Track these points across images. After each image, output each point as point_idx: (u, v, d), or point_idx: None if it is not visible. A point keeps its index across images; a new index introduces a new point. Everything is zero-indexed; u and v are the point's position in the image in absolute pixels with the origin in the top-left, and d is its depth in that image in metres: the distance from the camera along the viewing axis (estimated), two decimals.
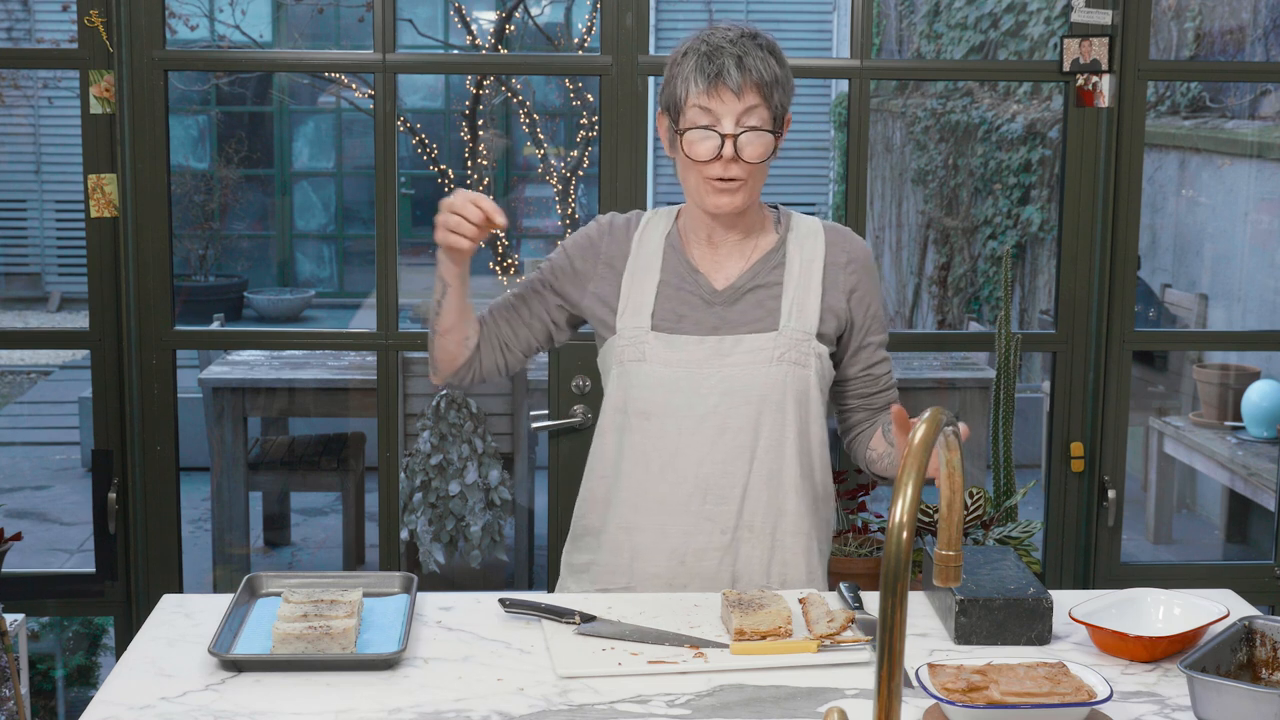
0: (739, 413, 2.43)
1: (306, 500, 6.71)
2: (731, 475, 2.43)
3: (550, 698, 2.00)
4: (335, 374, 5.66)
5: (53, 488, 7.35)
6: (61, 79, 11.19)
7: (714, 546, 2.45)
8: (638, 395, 2.45)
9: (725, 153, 2.36)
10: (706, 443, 2.43)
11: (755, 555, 2.46)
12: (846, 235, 2.55)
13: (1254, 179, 6.42)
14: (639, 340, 2.45)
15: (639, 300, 2.47)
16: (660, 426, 2.44)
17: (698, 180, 2.40)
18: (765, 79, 2.37)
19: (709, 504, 2.44)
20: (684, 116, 2.38)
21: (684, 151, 2.39)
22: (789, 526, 2.46)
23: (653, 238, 2.51)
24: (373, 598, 2.31)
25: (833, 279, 2.49)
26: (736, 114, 2.36)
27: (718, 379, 2.43)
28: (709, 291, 2.46)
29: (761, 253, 2.49)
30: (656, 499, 2.45)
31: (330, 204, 12.77)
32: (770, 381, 2.43)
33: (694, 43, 2.40)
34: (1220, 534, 6.18)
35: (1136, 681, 2.07)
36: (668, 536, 2.45)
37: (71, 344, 3.85)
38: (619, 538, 2.48)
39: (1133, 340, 3.62)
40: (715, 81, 2.35)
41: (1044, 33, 8.32)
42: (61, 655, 4.40)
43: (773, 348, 2.44)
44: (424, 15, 10.69)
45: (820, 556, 2.53)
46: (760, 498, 2.44)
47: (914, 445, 1.58)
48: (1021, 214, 8.62)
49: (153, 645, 2.17)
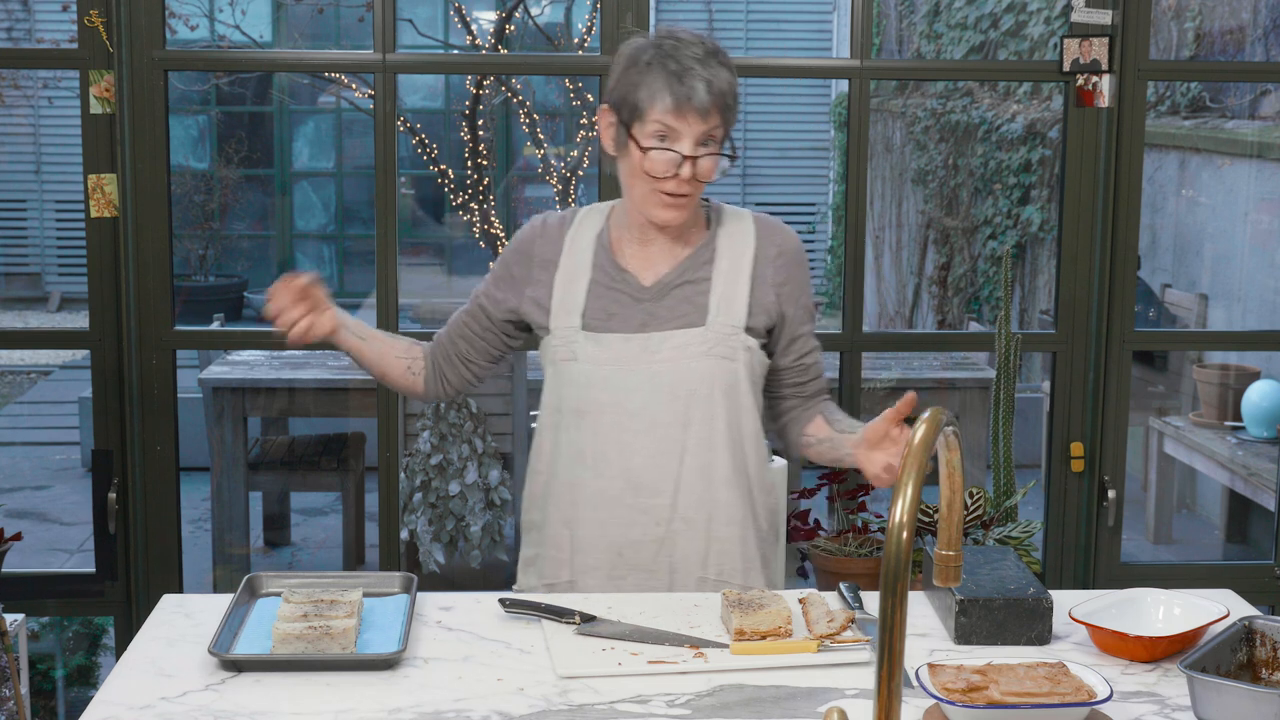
0: (668, 408, 2.46)
1: (306, 500, 6.71)
2: (663, 469, 2.47)
3: (550, 698, 2.00)
4: (335, 374, 5.66)
5: (53, 488, 7.35)
6: (61, 79, 11.19)
7: (650, 539, 2.49)
8: (570, 394, 2.50)
9: (684, 173, 2.39)
10: (637, 438, 2.47)
11: (691, 548, 2.49)
12: (776, 227, 2.58)
13: (1254, 179, 6.42)
14: (570, 340, 2.50)
15: (570, 300, 2.51)
16: (593, 423, 2.48)
17: (646, 191, 2.43)
18: (729, 101, 2.42)
19: (642, 497, 2.48)
20: (642, 126, 2.40)
21: (639, 163, 2.41)
22: (722, 518, 2.50)
23: (585, 236, 2.55)
24: (373, 598, 2.31)
25: (761, 272, 2.52)
26: (697, 135, 2.39)
27: (646, 375, 2.47)
28: (637, 288, 2.50)
29: (691, 249, 2.53)
30: (592, 494, 2.49)
31: (330, 204, 12.77)
32: (698, 376, 2.47)
33: (657, 54, 2.40)
34: (1220, 534, 6.19)
35: (1136, 681, 2.07)
36: (605, 530, 2.49)
37: (71, 344, 3.85)
38: (560, 532, 2.53)
39: (1133, 340, 3.62)
40: (684, 103, 2.37)
41: (1044, 33, 8.32)
42: (61, 655, 4.40)
43: (700, 342, 2.47)
44: (424, 15, 10.69)
45: (759, 546, 2.56)
46: (693, 491, 2.48)
47: (914, 445, 1.58)
48: (1021, 214, 8.63)
49: (153, 645, 2.17)
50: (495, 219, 7.32)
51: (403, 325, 3.60)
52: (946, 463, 1.69)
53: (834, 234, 11.45)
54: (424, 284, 10.95)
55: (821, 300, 11.72)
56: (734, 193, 12.10)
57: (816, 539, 3.39)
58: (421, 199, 12.12)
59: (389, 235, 3.50)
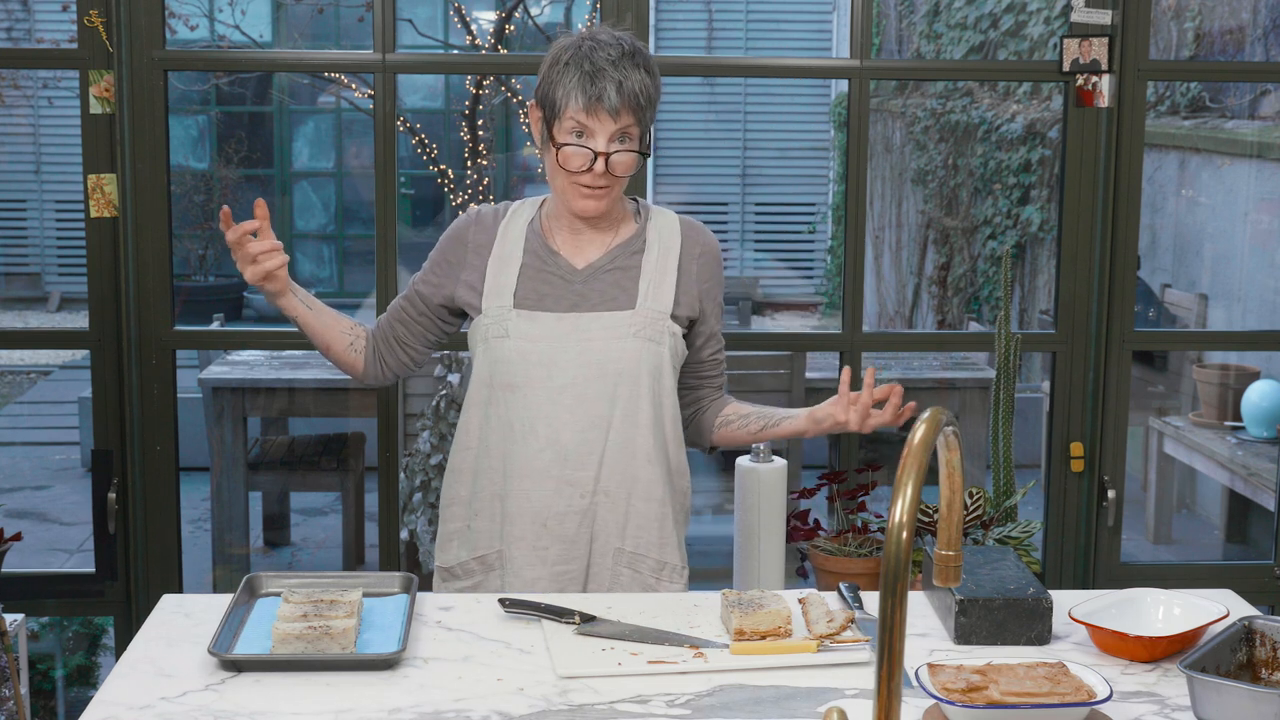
0: (595, 385, 2.57)
1: (306, 500, 6.71)
2: (589, 443, 2.57)
3: (550, 698, 2.00)
4: (335, 374, 5.65)
5: (52, 488, 7.35)
6: (61, 79, 11.19)
7: (574, 510, 2.58)
8: (502, 369, 2.59)
9: (596, 168, 2.52)
10: (565, 412, 2.57)
11: (611, 519, 2.59)
12: (699, 229, 2.72)
13: (1254, 179, 6.42)
14: (502, 318, 2.59)
15: (502, 282, 2.61)
16: (523, 397, 2.58)
17: (565, 183, 2.55)
18: (641, 102, 2.53)
19: (569, 469, 2.57)
20: (559, 124, 2.53)
21: (555, 158, 2.54)
22: (641, 493, 2.60)
23: (517, 225, 2.67)
24: (372, 598, 2.32)
25: (688, 268, 2.66)
26: (610, 133, 2.51)
27: (576, 352, 2.57)
28: (569, 271, 2.61)
29: (622, 239, 2.65)
30: (520, 465, 2.58)
31: (330, 204, 12.77)
32: (626, 356, 2.58)
33: (575, 55, 2.53)
34: (1220, 534, 6.18)
35: (1136, 681, 2.07)
36: (531, 500, 2.58)
37: (71, 344, 3.84)
38: (491, 505, 2.62)
39: (1132, 340, 3.62)
40: (595, 103, 2.50)
41: (1044, 33, 8.32)
42: (61, 655, 4.40)
43: (629, 324, 2.59)
44: (424, 15, 10.69)
45: (675, 525, 2.65)
46: (616, 464, 2.58)
47: (914, 446, 1.58)
48: (1021, 214, 8.63)
49: (152, 645, 2.17)
50: None
51: None
52: (946, 463, 1.69)
53: (834, 234, 11.45)
54: None
55: (821, 300, 11.73)
56: (734, 192, 12.11)
57: (816, 539, 3.38)
58: (421, 199, 12.12)
59: (389, 235, 3.50)
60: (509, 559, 2.59)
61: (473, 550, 2.63)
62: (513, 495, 2.59)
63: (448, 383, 5.15)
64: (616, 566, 2.60)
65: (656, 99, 2.59)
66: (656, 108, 2.61)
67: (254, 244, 2.49)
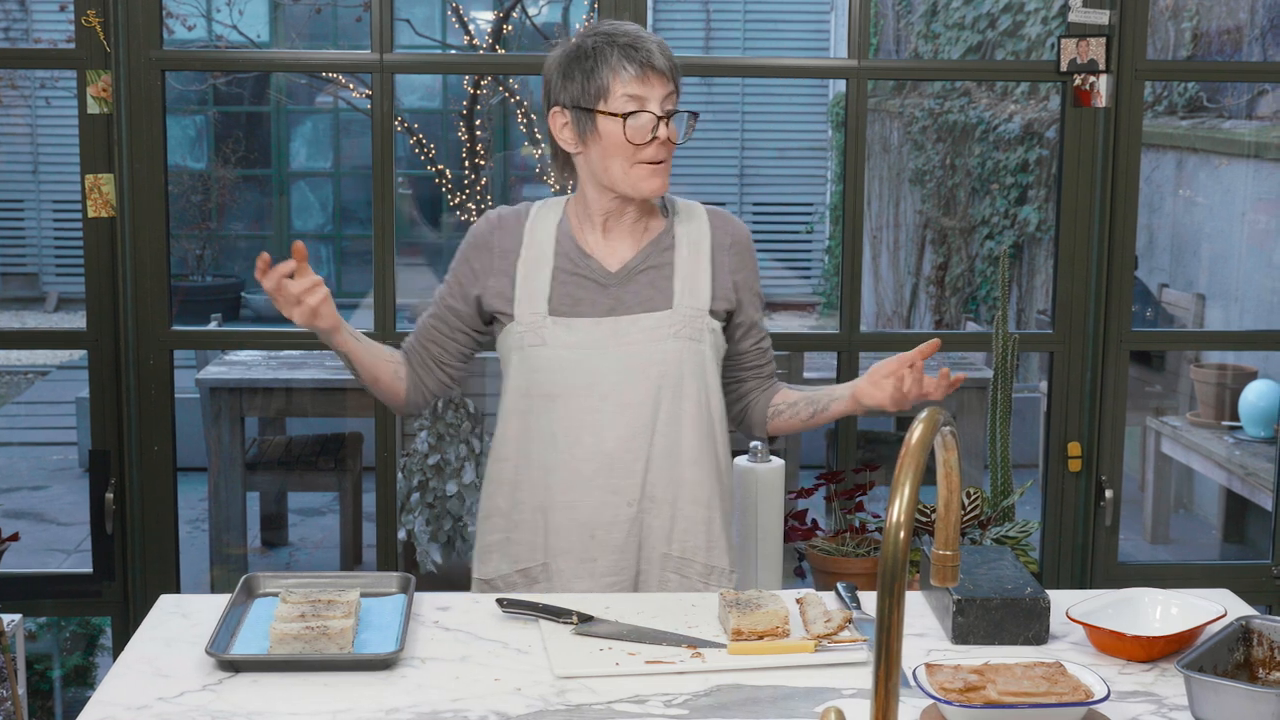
0: (638, 389, 2.51)
1: (304, 500, 6.71)
2: (634, 450, 2.52)
3: (548, 697, 2.00)
4: (332, 374, 5.65)
5: (50, 488, 7.35)
6: (59, 79, 11.19)
7: (622, 519, 2.53)
8: (541, 378, 2.53)
9: (660, 133, 2.46)
10: (608, 419, 2.51)
11: (657, 525, 2.54)
12: (728, 219, 2.66)
13: (1251, 179, 6.42)
14: (537, 325, 2.53)
15: (535, 288, 2.54)
16: (564, 406, 2.52)
17: (627, 166, 2.48)
18: (677, 66, 2.51)
19: (615, 478, 2.52)
20: (608, 103, 2.46)
21: (616, 138, 2.45)
22: (688, 496, 2.55)
23: (544, 227, 2.59)
24: (370, 598, 2.32)
25: (720, 260, 2.60)
26: (662, 97, 2.47)
27: (616, 357, 2.52)
28: (602, 274, 2.55)
29: (652, 236, 2.58)
30: (565, 476, 2.53)
31: (328, 204, 12.77)
32: (667, 358, 2.52)
33: (602, 38, 2.48)
34: (1217, 534, 6.19)
35: (1134, 681, 2.07)
36: (577, 511, 2.53)
37: (69, 344, 3.84)
38: (534, 517, 2.56)
39: (1130, 340, 3.62)
40: (646, 67, 2.45)
41: (1041, 33, 8.32)
42: (59, 655, 4.39)
43: (668, 325, 2.53)
44: (421, 15, 10.69)
45: (723, 524, 2.61)
46: (661, 469, 2.53)
47: (911, 446, 1.58)
48: (1019, 214, 8.63)
49: (150, 645, 2.17)
50: None
51: (400, 325, 3.60)
52: (944, 463, 1.69)
53: (831, 234, 11.45)
54: (421, 284, 10.93)
55: (819, 300, 11.73)
56: (731, 192, 12.11)
57: (814, 539, 3.39)
58: (419, 199, 12.11)
59: (386, 235, 3.50)
60: (555, 571, 2.55)
61: (515, 563, 2.58)
62: (557, 507, 2.53)
63: None
64: (664, 572, 2.55)
65: None
66: None
67: (293, 284, 2.37)
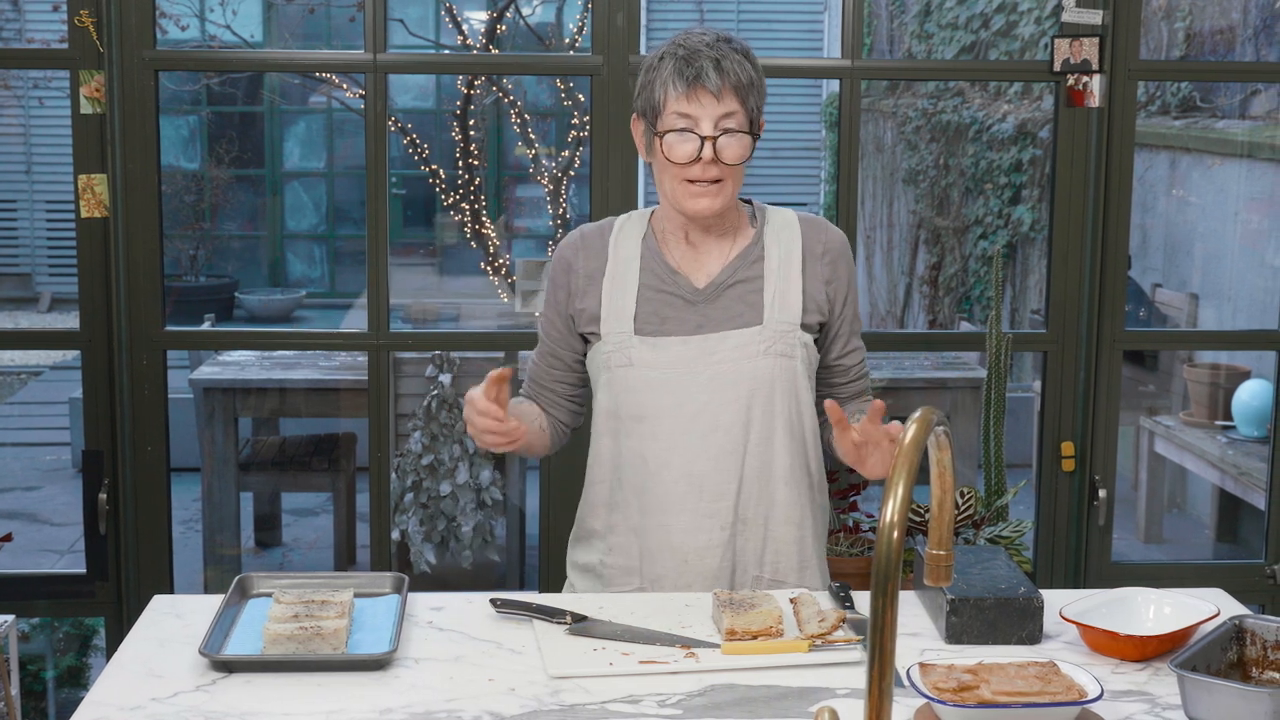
0: (729, 409, 2.44)
1: (297, 501, 6.70)
2: (725, 471, 2.45)
3: (541, 698, 2.00)
4: (326, 374, 5.65)
5: (43, 488, 7.34)
6: (52, 79, 11.18)
7: (715, 544, 2.47)
8: (628, 399, 2.47)
9: (705, 154, 2.37)
10: (699, 441, 2.44)
11: (750, 548, 2.48)
12: (822, 225, 2.56)
13: (1244, 179, 6.43)
14: (624, 345, 2.47)
15: (621, 305, 2.48)
16: (653, 428, 2.46)
17: (675, 183, 2.41)
18: (742, 81, 2.38)
19: (705, 501, 2.45)
20: (662, 120, 2.40)
21: (662, 154, 2.40)
22: (779, 516, 2.48)
23: (629, 243, 2.53)
24: (364, 598, 2.31)
25: (812, 270, 2.51)
26: (715, 117, 2.37)
27: (706, 377, 2.45)
28: (690, 291, 2.48)
29: (740, 249, 2.51)
30: (657, 500, 2.47)
31: (321, 204, 12.77)
32: (758, 375, 2.45)
33: (670, 47, 2.41)
34: (1211, 533, 6.19)
35: (1127, 681, 2.07)
36: (670, 535, 2.47)
37: (62, 344, 3.84)
38: (627, 540, 2.51)
39: (1123, 340, 3.63)
40: (694, 84, 2.36)
41: (1035, 33, 8.33)
42: (52, 656, 4.39)
43: (759, 341, 2.45)
44: (415, 15, 10.69)
45: (815, 543, 2.55)
46: (753, 491, 2.46)
47: (905, 445, 1.58)
48: (1012, 214, 8.63)
49: (143, 646, 2.17)
50: (486, 219, 7.31)
51: (394, 325, 3.60)
52: (937, 462, 1.69)
53: None
54: (415, 284, 10.95)
55: None
56: None
57: None
58: (413, 199, 12.11)
59: (380, 235, 3.49)
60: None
61: (606, 585, 2.53)
62: (651, 530, 2.48)
63: (439, 383, 5.15)
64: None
65: (762, 89, 2.43)
66: (763, 99, 2.45)
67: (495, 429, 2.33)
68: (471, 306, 8.28)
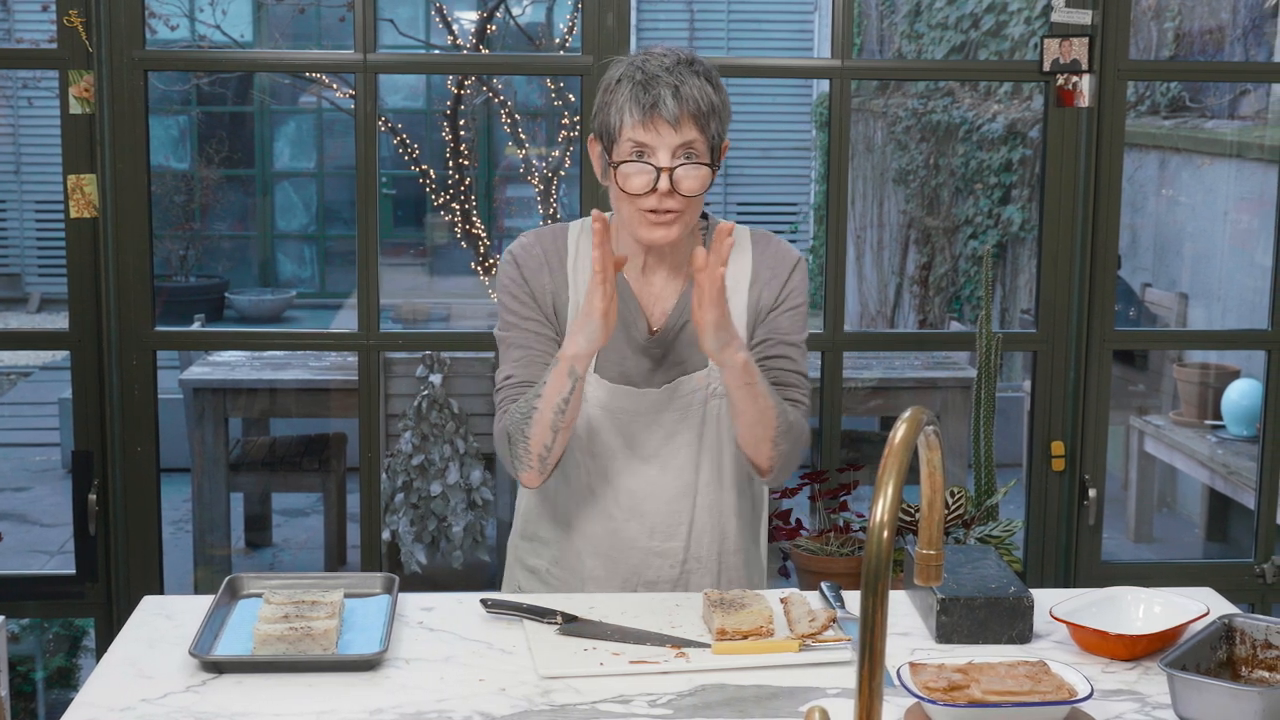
0: (680, 453, 2.44)
1: (288, 501, 6.70)
2: (678, 514, 2.45)
3: (532, 698, 2.00)
4: (316, 374, 5.65)
5: (33, 489, 7.33)
6: (41, 79, 11.16)
7: (665, 580, 2.48)
8: (580, 434, 2.43)
9: (661, 186, 2.26)
10: (650, 484, 2.44)
11: (704, 582, 2.49)
12: (773, 248, 2.48)
13: (1233, 178, 6.44)
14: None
15: None
16: (604, 467, 2.44)
17: (632, 212, 2.31)
18: (702, 108, 2.28)
19: (656, 541, 2.46)
20: (617, 148, 2.29)
21: (617, 184, 2.30)
22: (731, 547, 2.50)
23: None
24: (354, 598, 2.31)
25: (759, 296, 2.45)
26: (673, 147, 2.27)
27: (658, 425, 2.42)
28: (644, 337, 2.42)
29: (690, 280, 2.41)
30: (606, 535, 2.46)
31: (311, 204, 12.76)
32: (707, 418, 2.43)
33: (627, 69, 2.30)
34: (1200, 532, 6.21)
35: (1117, 680, 2.07)
36: (619, 568, 2.47)
37: (51, 345, 3.84)
38: (573, 563, 2.49)
39: (1113, 339, 3.63)
40: (651, 113, 2.25)
41: (1024, 33, 8.34)
42: (42, 657, 4.38)
43: (706, 385, 2.42)
44: (405, 15, 10.68)
45: (759, 553, 2.57)
46: (705, 529, 2.47)
47: (895, 445, 1.58)
48: (1002, 213, 8.65)
49: (133, 647, 2.16)
50: (477, 219, 7.31)
51: (384, 325, 3.60)
52: (927, 462, 1.69)
53: (816, 234, 11.46)
54: (405, 284, 10.95)
55: None
56: (716, 192, 12.10)
57: (798, 538, 3.39)
58: (403, 199, 12.10)
59: (370, 235, 3.49)
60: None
61: (554, 591, 2.50)
62: (600, 559, 2.47)
63: (429, 383, 5.15)
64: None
65: (724, 113, 2.32)
66: (725, 124, 2.33)
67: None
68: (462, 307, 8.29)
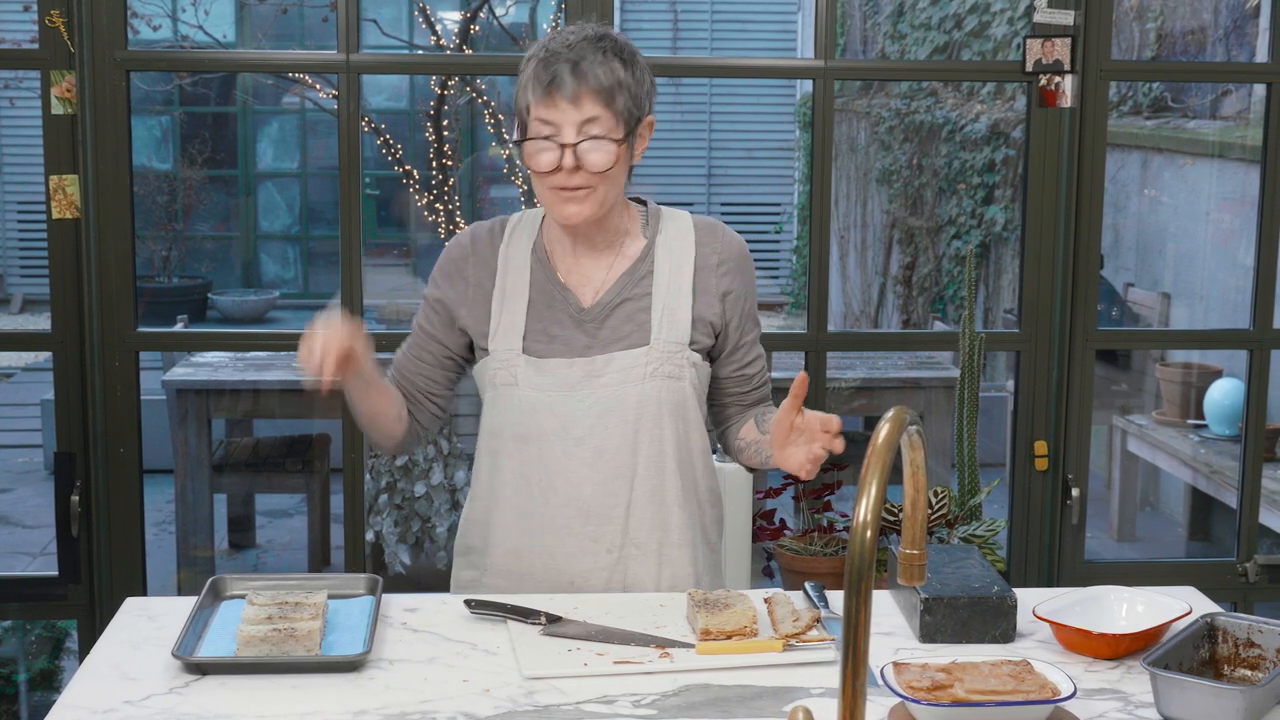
0: (615, 433, 2.39)
1: (271, 502, 6.69)
2: (614, 495, 2.40)
3: (516, 699, 2.00)
4: (300, 375, 5.64)
5: (15, 490, 7.31)
6: (23, 79, 11.12)
7: (601, 566, 2.42)
8: (512, 420, 2.41)
9: (565, 163, 2.27)
10: (585, 465, 2.39)
11: (644, 570, 2.43)
12: (718, 233, 2.47)
13: (1215, 178, 6.46)
14: (510, 363, 2.40)
15: (510, 321, 2.41)
16: (537, 451, 2.40)
17: (543, 190, 2.32)
18: (604, 84, 2.27)
19: (592, 525, 2.40)
20: (529, 126, 2.30)
21: (527, 162, 2.31)
22: (674, 539, 2.44)
23: (519, 253, 2.44)
24: (338, 599, 2.31)
25: (704, 283, 2.43)
26: (576, 123, 2.27)
27: (591, 401, 2.38)
28: (577, 310, 2.41)
29: (628, 262, 2.43)
30: (539, 523, 2.42)
31: (294, 205, 12.74)
32: (645, 398, 2.38)
33: (535, 48, 2.32)
34: (1183, 531, 6.23)
35: (1100, 679, 2.08)
36: (554, 559, 2.42)
37: (33, 346, 3.83)
38: (505, 561, 2.45)
39: (1096, 339, 3.64)
40: (550, 89, 2.26)
41: (1007, 33, 8.36)
42: (24, 659, 4.37)
43: (645, 363, 2.39)
44: (388, 15, 10.67)
45: (708, 558, 2.50)
46: (645, 515, 2.41)
47: (878, 445, 1.58)
48: (985, 213, 8.66)
49: (116, 648, 2.16)
50: (460, 219, 7.31)
51: (368, 326, 3.59)
52: (910, 462, 1.69)
53: (799, 234, 11.47)
54: (389, 284, 10.93)
55: (787, 300, 11.75)
56: (699, 192, 12.12)
57: (782, 539, 3.39)
58: (386, 199, 12.09)
59: (353, 236, 3.49)
60: None
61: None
62: (532, 551, 2.42)
63: None
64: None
65: (635, 89, 2.31)
66: (639, 100, 2.32)
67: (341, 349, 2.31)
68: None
